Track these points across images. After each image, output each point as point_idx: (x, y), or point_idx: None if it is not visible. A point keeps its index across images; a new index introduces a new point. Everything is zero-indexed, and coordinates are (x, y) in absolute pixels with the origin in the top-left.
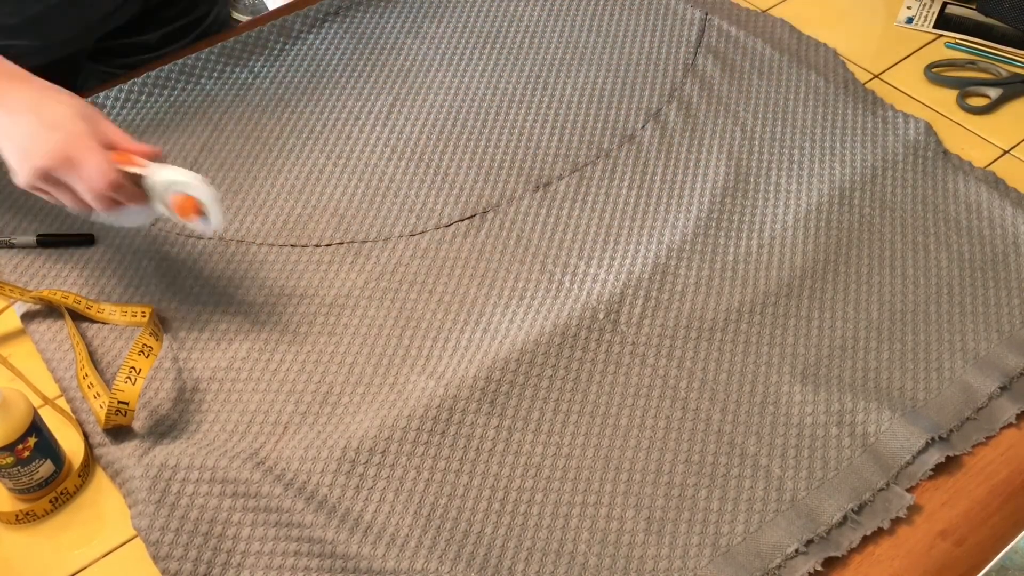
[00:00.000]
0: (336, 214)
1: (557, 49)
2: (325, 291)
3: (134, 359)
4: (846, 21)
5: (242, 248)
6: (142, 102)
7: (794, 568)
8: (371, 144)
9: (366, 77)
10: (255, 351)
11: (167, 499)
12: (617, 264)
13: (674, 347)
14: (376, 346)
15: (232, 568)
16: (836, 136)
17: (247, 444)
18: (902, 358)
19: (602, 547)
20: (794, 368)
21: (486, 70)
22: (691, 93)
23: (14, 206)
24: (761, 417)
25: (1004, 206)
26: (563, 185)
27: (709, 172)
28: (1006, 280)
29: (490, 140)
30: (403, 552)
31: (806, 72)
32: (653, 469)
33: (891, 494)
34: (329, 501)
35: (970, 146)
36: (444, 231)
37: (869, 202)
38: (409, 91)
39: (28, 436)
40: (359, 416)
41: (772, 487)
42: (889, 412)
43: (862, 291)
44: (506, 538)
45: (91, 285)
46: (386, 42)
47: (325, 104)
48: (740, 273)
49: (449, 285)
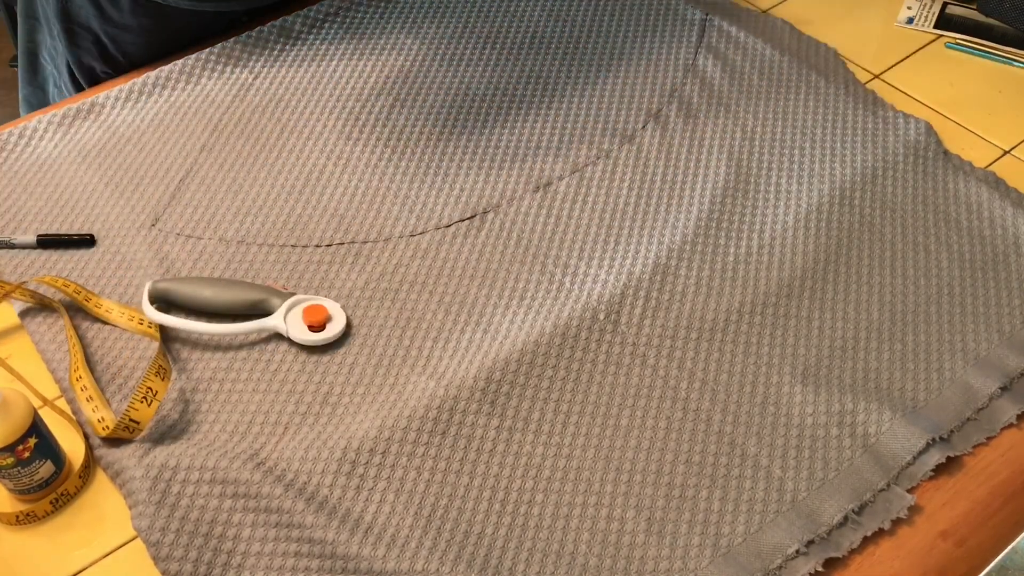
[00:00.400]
0: (336, 214)
1: (557, 49)
2: (325, 291)
3: (152, 380)
4: (846, 21)
5: (242, 248)
6: (142, 102)
7: (795, 569)
8: (371, 144)
9: (366, 77)
10: (255, 351)
11: (167, 500)
12: (617, 264)
13: (675, 347)
14: (376, 346)
15: (232, 569)
16: (836, 136)
17: (247, 445)
18: (903, 358)
19: (602, 548)
20: (795, 369)
21: (486, 70)
22: (691, 93)
23: (14, 206)
24: (762, 418)
25: (1004, 206)
26: (563, 185)
27: (709, 172)
28: (1007, 280)
29: (490, 140)
30: (403, 553)
31: (806, 72)
32: (654, 470)
33: (892, 495)
34: (329, 502)
35: (970, 146)
36: (444, 231)
37: (869, 202)
38: (409, 91)
39: (28, 437)
40: (359, 416)
41: (773, 488)
42: (890, 413)
43: (862, 291)
44: (506, 539)
45: (91, 285)
46: (386, 42)
47: (325, 104)
48: (740, 273)
49: (449, 285)
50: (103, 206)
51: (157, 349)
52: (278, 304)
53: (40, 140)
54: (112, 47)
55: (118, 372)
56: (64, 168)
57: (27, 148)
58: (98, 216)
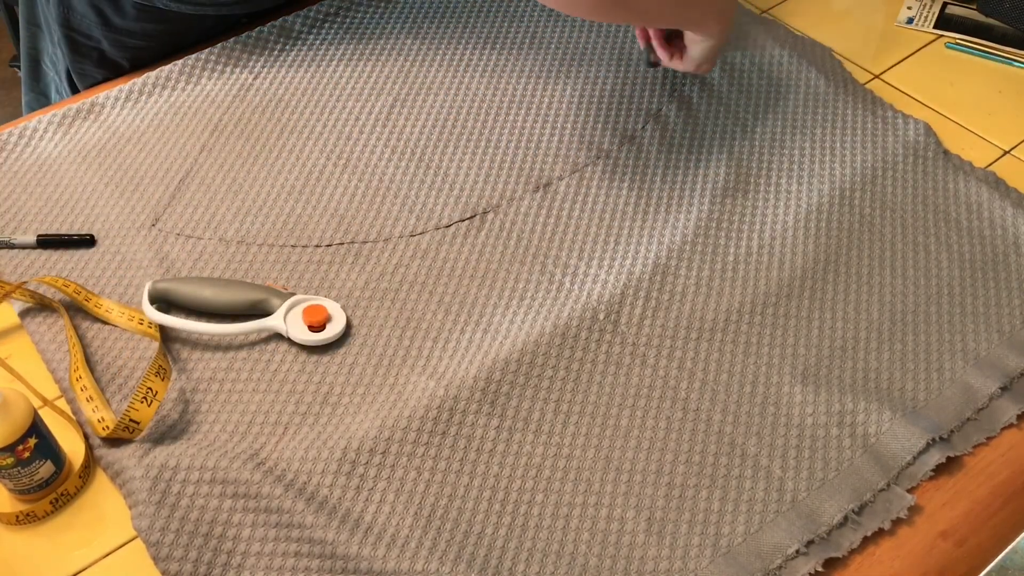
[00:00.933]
0: (336, 214)
1: (557, 49)
2: (325, 291)
3: (152, 380)
4: (846, 21)
5: (242, 248)
6: (142, 102)
7: (795, 569)
8: (371, 144)
9: (366, 77)
10: (255, 351)
11: (167, 500)
12: (617, 265)
13: (674, 348)
14: (376, 346)
15: (232, 569)
16: (836, 136)
17: (247, 445)
18: (903, 358)
19: (602, 548)
20: (795, 369)
21: (486, 70)
22: (691, 93)
23: (14, 206)
24: (762, 418)
25: (1004, 206)
26: (563, 185)
27: (709, 172)
28: (1006, 280)
29: (490, 140)
30: (403, 553)
31: (806, 72)
32: (653, 470)
33: (892, 495)
34: (329, 502)
35: (970, 146)
36: (444, 231)
37: (869, 202)
38: (409, 91)
39: (28, 437)
40: (359, 416)
41: (773, 488)
42: (890, 413)
43: (862, 291)
44: (506, 539)
45: (91, 285)
46: (386, 42)
47: (325, 104)
48: (740, 273)
49: (449, 286)
50: (103, 206)
51: (157, 349)
52: (278, 304)
53: (40, 140)
54: (113, 53)
55: (118, 372)
56: (64, 168)
57: (27, 148)
58: (98, 216)
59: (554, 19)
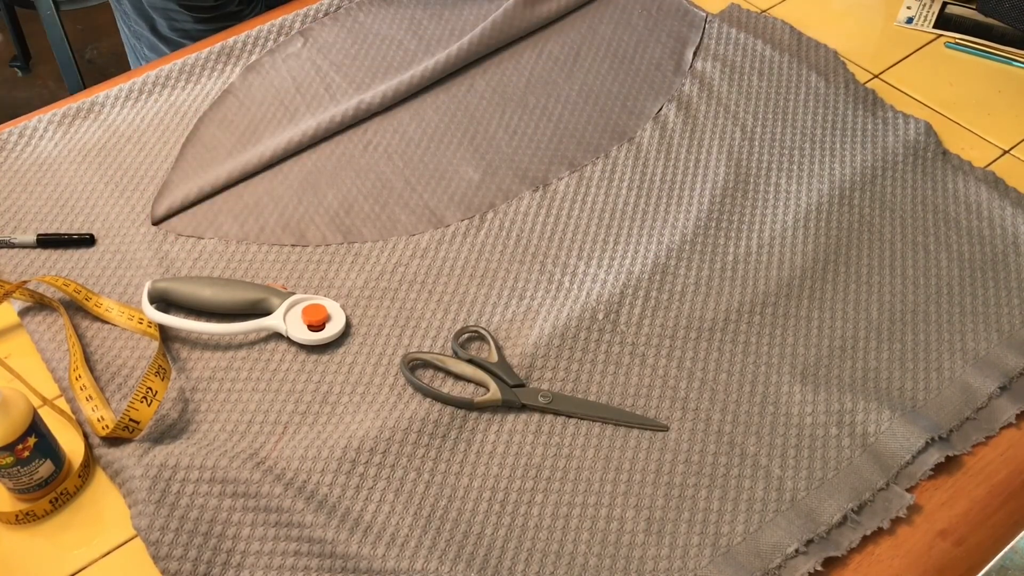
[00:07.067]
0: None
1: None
2: (325, 291)
3: (152, 380)
4: (846, 21)
5: (242, 248)
6: (142, 102)
7: (794, 568)
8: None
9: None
10: (255, 351)
11: (167, 499)
12: (617, 264)
13: (674, 347)
14: (376, 346)
15: (232, 568)
16: (836, 136)
17: (247, 444)
18: (902, 358)
19: (602, 547)
20: (794, 368)
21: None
22: (691, 93)
23: (14, 206)
24: (761, 417)
25: (1004, 206)
26: (563, 185)
27: (709, 172)
28: (1006, 280)
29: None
30: (403, 552)
31: (806, 72)
32: (653, 469)
33: (891, 494)
34: (329, 501)
35: (970, 146)
36: (444, 231)
37: (869, 202)
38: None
39: (28, 436)
40: (359, 416)
41: (772, 487)
42: (889, 412)
43: (862, 291)
44: (506, 539)
45: (91, 285)
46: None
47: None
48: (740, 273)
49: (449, 285)
50: (103, 206)
51: (157, 349)
52: (278, 304)
53: (40, 139)
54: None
55: (118, 372)
56: (64, 167)
57: (27, 147)
58: (98, 216)
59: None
